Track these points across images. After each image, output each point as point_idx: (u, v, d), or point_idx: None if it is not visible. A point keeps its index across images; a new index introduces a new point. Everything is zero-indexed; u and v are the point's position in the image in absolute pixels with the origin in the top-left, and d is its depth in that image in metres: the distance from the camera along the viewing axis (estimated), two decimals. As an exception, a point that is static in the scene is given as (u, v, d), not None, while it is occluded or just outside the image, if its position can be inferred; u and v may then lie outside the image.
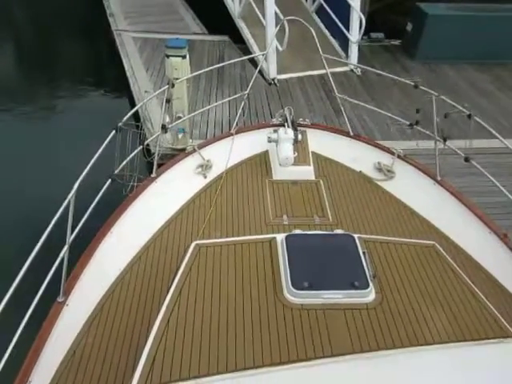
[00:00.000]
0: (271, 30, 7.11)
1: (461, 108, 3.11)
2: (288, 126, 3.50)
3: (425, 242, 2.95)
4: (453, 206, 3.30)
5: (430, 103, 3.31)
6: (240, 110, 3.83)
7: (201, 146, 3.63)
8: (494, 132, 3.20)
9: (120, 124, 2.83)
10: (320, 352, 1.82)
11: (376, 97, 7.10)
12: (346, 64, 7.71)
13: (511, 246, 3.07)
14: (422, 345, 1.81)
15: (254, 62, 7.83)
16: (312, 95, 7.07)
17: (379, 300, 2.19)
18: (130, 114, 2.98)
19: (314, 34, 3.83)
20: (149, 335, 1.96)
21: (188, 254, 2.51)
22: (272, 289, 2.45)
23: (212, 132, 6.05)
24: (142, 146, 3.15)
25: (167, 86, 3.24)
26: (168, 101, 3.25)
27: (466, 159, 3.32)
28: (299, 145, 3.54)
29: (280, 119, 3.68)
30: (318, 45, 3.84)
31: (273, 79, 7.38)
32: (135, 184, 3.05)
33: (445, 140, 3.37)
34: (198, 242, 2.64)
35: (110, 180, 2.86)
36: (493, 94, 7.36)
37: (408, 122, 3.56)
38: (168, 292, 2.27)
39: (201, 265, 2.58)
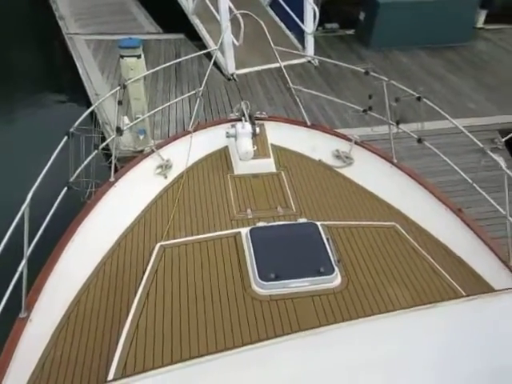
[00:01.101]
0: (225, 25, 7.09)
1: (410, 92, 3.21)
2: (245, 121, 3.51)
3: (385, 223, 3.04)
4: (410, 187, 3.42)
5: (384, 89, 3.40)
6: (195, 108, 3.81)
7: (159, 146, 3.59)
8: (443, 113, 3.32)
9: (72, 129, 2.76)
10: None
11: (335, 86, 7.21)
12: (303, 56, 7.79)
13: (466, 220, 3.21)
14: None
15: (211, 58, 7.79)
16: (272, 88, 7.11)
17: (345, 284, 2.25)
18: (81, 118, 2.91)
19: (265, 27, 3.85)
20: (119, 340, 1.94)
21: (153, 257, 2.49)
22: (240, 283, 2.47)
23: (174, 131, 6.00)
24: (96, 151, 3.09)
25: (118, 88, 3.19)
26: (120, 102, 3.19)
27: (419, 140, 3.44)
28: (258, 138, 3.56)
29: (237, 114, 3.69)
30: (269, 38, 3.87)
31: (231, 74, 7.36)
32: (93, 190, 2.98)
33: (397, 123, 3.48)
34: (162, 243, 2.63)
35: (66, 188, 2.79)
36: (445, 77, 7.61)
37: (362, 109, 3.65)
38: (135, 296, 2.25)
39: (167, 266, 2.56)
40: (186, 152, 3.48)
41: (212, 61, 3.65)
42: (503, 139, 5.88)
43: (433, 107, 3.48)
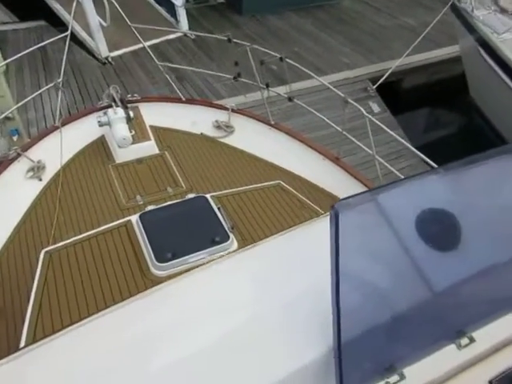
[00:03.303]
0: (89, 5, 6.63)
1: (273, 53, 3.31)
2: (117, 106, 3.38)
3: (271, 183, 3.20)
4: (290, 145, 3.60)
5: (248, 54, 3.47)
6: (58, 100, 3.56)
7: (25, 148, 3.31)
8: (307, 71, 3.48)
9: None
10: None
11: (215, 56, 7.18)
12: (183, 30, 7.61)
13: (344, 166, 3.49)
14: None
15: (81, 44, 7.29)
16: (151, 67, 6.87)
17: (242, 247, 2.34)
18: None
19: (117, 5, 3.68)
20: (16, 351, 1.84)
21: (39, 265, 2.36)
22: (138, 269, 2.45)
23: (51, 128, 5.58)
24: None
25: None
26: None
27: (290, 99, 3.60)
28: (134, 122, 3.46)
29: (107, 100, 3.52)
30: (125, 17, 3.71)
31: (106, 58, 6.97)
32: None
33: (267, 86, 3.59)
34: (47, 249, 2.49)
35: None
36: (317, 35, 7.97)
37: (231, 76, 3.70)
38: (27, 309, 2.14)
39: (56, 272, 2.44)
40: (57, 149, 3.27)
41: (66, 48, 3.37)
42: (374, 86, 6.40)
43: (298, 67, 3.64)
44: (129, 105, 3.49)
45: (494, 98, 5.61)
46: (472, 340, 0.88)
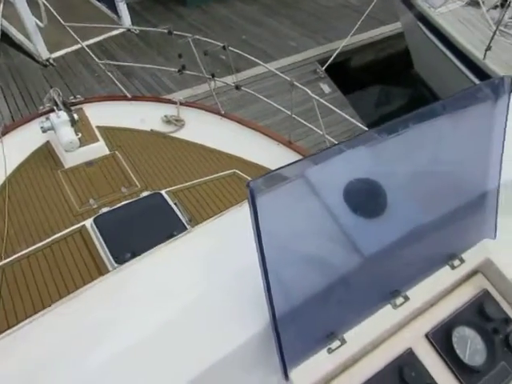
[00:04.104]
0: (22, 6, 6.32)
1: (215, 43, 3.28)
2: (59, 109, 3.26)
3: (226, 172, 3.20)
4: (242, 133, 3.60)
5: (191, 45, 3.42)
6: None
7: None
8: (253, 58, 3.48)
9: None
10: None
11: (162, 50, 7.03)
12: (121, 25, 7.39)
13: (297, 149, 3.53)
14: None
15: (19, 47, 6.96)
16: (96, 66, 6.64)
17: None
18: None
19: (46, 2, 3.53)
20: None
21: None
22: (97, 274, 2.40)
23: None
24: None
25: None
26: None
27: (237, 87, 3.59)
28: (80, 124, 3.35)
29: (49, 104, 3.39)
30: (58, 16, 3.55)
31: (47, 60, 6.69)
32: None
33: (213, 76, 3.56)
34: None
35: None
36: (263, 21, 7.94)
37: (176, 69, 3.64)
38: None
39: (11, 286, 2.37)
40: (0, 159, 3.13)
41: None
42: (323, 68, 6.48)
43: (243, 55, 3.62)
44: (72, 107, 3.38)
45: (435, 69, 5.81)
46: (406, 298, 0.92)
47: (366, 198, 0.89)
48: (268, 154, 3.48)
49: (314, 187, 0.81)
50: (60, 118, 3.18)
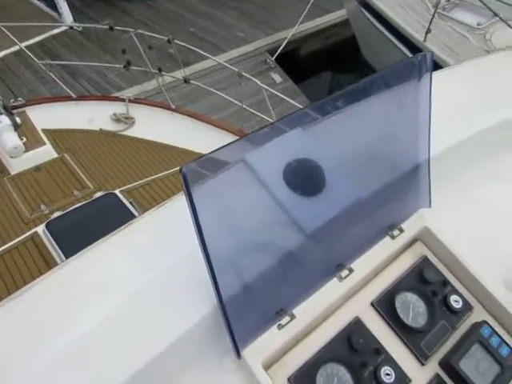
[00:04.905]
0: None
1: (159, 36, 3.23)
2: (0, 113, 3.11)
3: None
4: (194, 127, 3.58)
5: (135, 40, 3.34)
6: None
7: None
8: (199, 51, 3.45)
9: None
10: None
11: (107, 47, 6.83)
12: (62, 23, 7.10)
13: None
14: None
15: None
16: (38, 67, 6.35)
17: None
18: None
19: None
20: None
21: None
22: None
23: None
24: None
25: None
26: None
27: (185, 81, 3.56)
28: (24, 128, 3.21)
29: None
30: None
31: (-16, 63, 6.34)
32: None
33: (160, 70, 3.51)
34: None
35: None
36: (210, 14, 7.87)
37: (122, 65, 3.56)
38: None
39: None
40: None
41: None
42: (273, 58, 6.52)
43: (191, 48, 3.59)
44: (14, 110, 3.23)
45: (381, 54, 5.99)
46: (351, 271, 0.96)
47: (304, 178, 0.91)
48: (219, 144, 3.47)
49: (251, 169, 0.83)
50: (1, 122, 3.04)
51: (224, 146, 0.73)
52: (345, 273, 0.95)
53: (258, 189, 0.84)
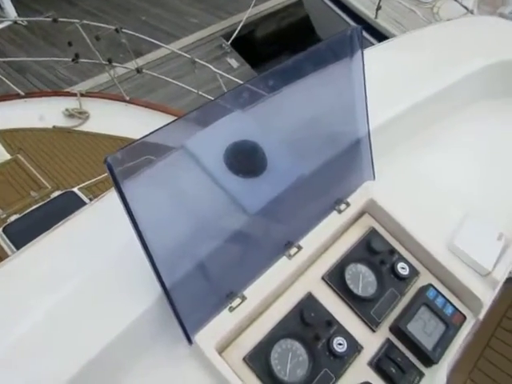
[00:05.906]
0: None
1: (106, 26, 3.12)
2: None
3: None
4: (150, 117, 3.49)
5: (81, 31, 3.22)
6: None
7: None
8: (149, 39, 3.37)
9: None
10: None
11: (56, 41, 6.54)
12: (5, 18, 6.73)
13: None
14: None
15: None
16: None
17: None
18: None
19: None
20: None
21: None
22: None
23: None
24: None
25: None
26: None
27: (138, 71, 3.47)
28: (-32, 130, 3.07)
29: None
30: None
31: None
32: None
33: (110, 61, 3.40)
34: None
35: None
36: (163, 1, 7.64)
37: (70, 59, 3.43)
38: None
39: None
40: None
41: None
42: (228, 42, 6.43)
43: (142, 37, 3.48)
44: (-44, 113, 3.07)
45: (334, 32, 6.01)
46: (300, 248, 0.98)
47: (246, 160, 0.92)
48: None
49: (190, 155, 0.82)
50: None
51: (156, 130, 0.72)
52: (293, 250, 0.97)
53: (197, 174, 0.84)
